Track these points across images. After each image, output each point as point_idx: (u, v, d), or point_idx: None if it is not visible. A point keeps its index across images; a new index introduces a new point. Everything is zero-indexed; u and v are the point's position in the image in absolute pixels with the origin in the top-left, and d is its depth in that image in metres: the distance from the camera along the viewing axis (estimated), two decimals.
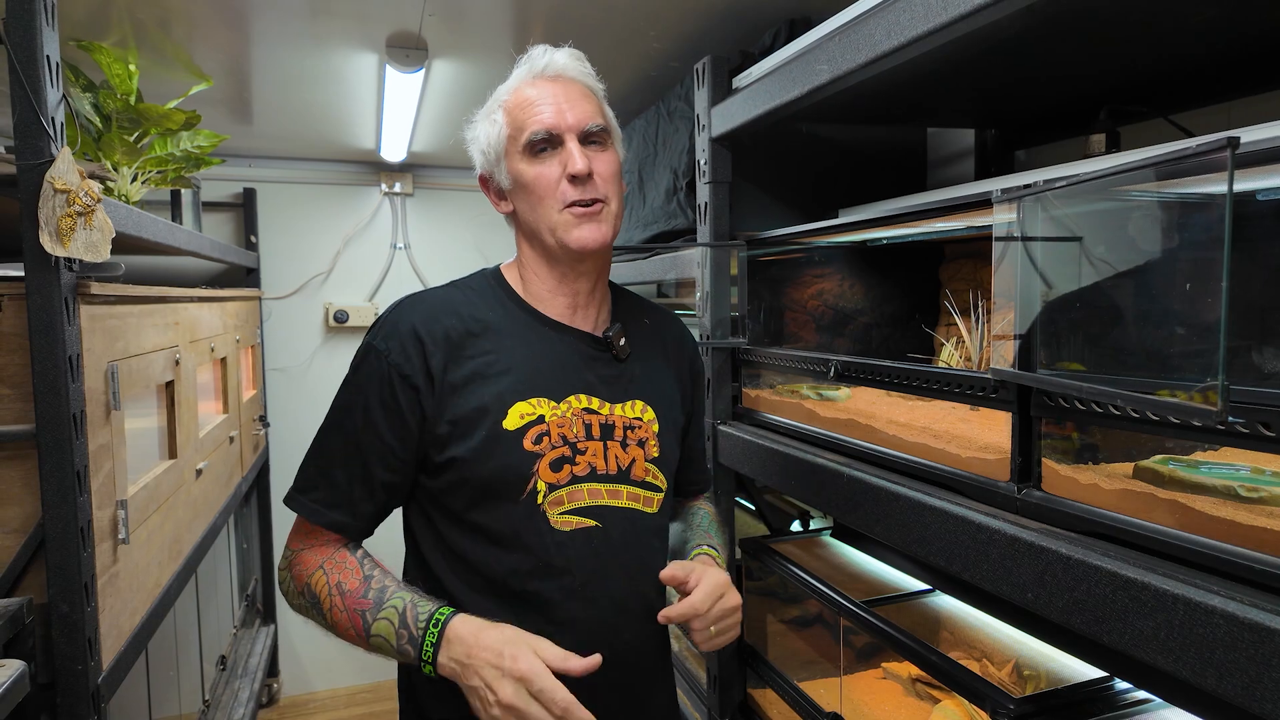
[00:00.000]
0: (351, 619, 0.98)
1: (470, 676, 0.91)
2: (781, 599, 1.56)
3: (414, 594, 0.99)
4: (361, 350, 1.06)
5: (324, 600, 1.00)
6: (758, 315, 1.55)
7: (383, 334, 1.04)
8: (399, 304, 1.08)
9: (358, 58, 2.02)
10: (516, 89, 1.07)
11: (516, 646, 0.91)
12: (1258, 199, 0.76)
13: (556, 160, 1.03)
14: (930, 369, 1.06)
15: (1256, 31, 0.96)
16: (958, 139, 1.68)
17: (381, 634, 0.96)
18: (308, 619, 1.04)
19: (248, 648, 3.00)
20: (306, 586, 1.02)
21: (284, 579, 1.07)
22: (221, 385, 2.44)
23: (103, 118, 1.74)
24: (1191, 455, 0.73)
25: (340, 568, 1.02)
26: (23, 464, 1.19)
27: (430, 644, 0.94)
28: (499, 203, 1.11)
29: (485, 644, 0.91)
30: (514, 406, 1.02)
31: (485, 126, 1.09)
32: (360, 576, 1.00)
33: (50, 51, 1.17)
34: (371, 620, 0.97)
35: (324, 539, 1.05)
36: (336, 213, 3.49)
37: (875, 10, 1.03)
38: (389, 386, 1.01)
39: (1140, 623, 0.68)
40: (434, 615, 0.95)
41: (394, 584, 1.00)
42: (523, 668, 0.88)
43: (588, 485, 1.04)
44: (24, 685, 1.07)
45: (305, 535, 1.06)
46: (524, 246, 1.11)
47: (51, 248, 1.13)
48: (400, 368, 1.01)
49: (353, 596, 0.99)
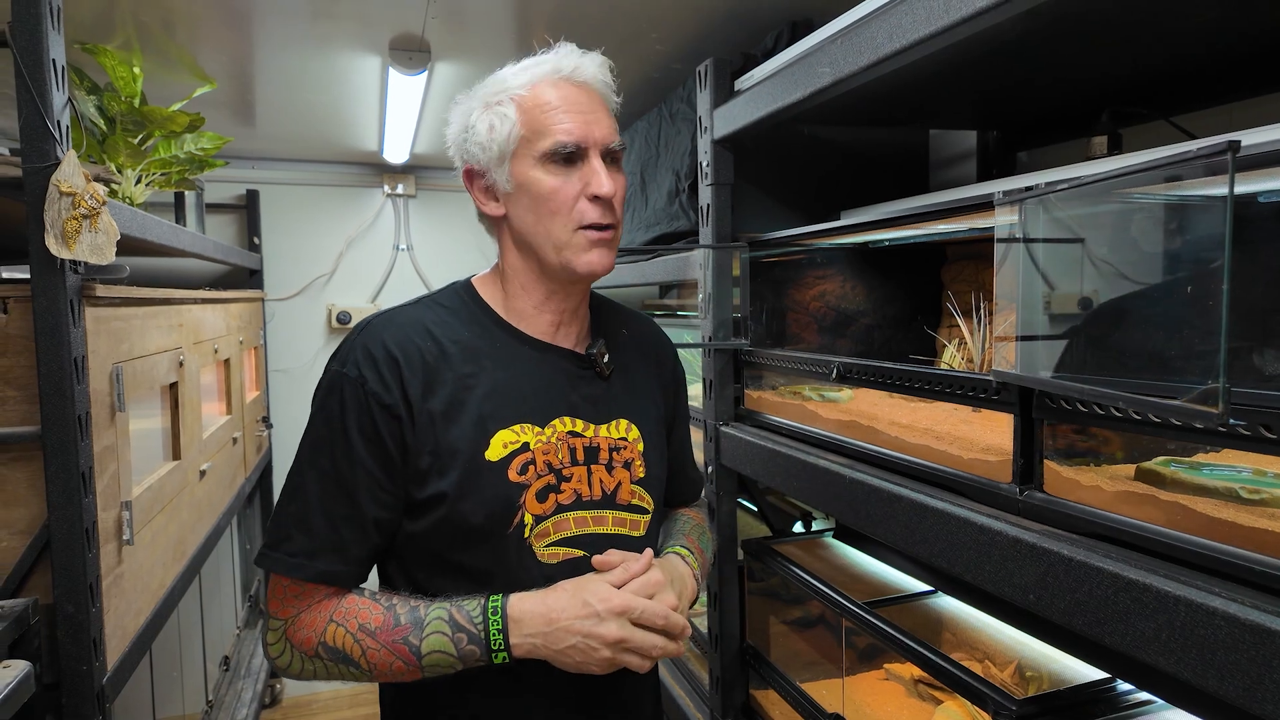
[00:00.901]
0: (396, 651, 0.91)
1: (561, 639, 0.90)
2: (784, 600, 1.56)
3: (445, 600, 0.93)
4: (328, 381, 0.95)
5: (352, 650, 0.91)
6: (760, 317, 1.55)
7: (353, 360, 0.94)
8: (366, 325, 0.98)
9: (361, 60, 2.03)
10: (535, 86, 0.97)
11: (595, 589, 0.92)
12: (1259, 201, 0.76)
13: (577, 175, 0.96)
14: (932, 370, 1.06)
15: (1258, 33, 0.96)
16: (960, 141, 1.69)
17: (437, 648, 0.90)
18: (330, 679, 0.94)
19: (251, 648, 3.00)
20: (321, 647, 0.92)
21: (280, 652, 0.94)
22: (225, 386, 2.44)
23: (107, 120, 1.75)
24: (1193, 457, 0.73)
25: (354, 612, 0.92)
26: (28, 465, 1.20)
27: (497, 632, 0.90)
28: (486, 202, 1.02)
29: (562, 605, 0.91)
30: (496, 435, 0.96)
31: (488, 117, 0.98)
32: (381, 609, 0.93)
33: (55, 55, 1.17)
34: (419, 641, 0.90)
35: (317, 596, 0.94)
36: (339, 214, 3.50)
37: (877, 13, 1.03)
38: (368, 416, 0.93)
39: (1142, 624, 0.68)
40: (487, 606, 0.91)
41: (420, 601, 0.93)
42: (617, 603, 0.90)
43: (574, 514, 0.99)
44: (29, 686, 1.07)
45: (294, 598, 0.94)
46: (512, 256, 1.03)
47: (57, 250, 1.14)
48: (379, 396, 0.93)
49: (386, 631, 0.91)
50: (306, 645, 0.93)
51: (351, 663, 0.92)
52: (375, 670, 0.92)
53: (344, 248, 3.50)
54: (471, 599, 0.92)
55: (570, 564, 0.99)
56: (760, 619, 1.61)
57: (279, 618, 0.94)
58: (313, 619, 0.93)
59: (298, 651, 0.93)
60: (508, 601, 0.91)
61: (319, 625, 0.92)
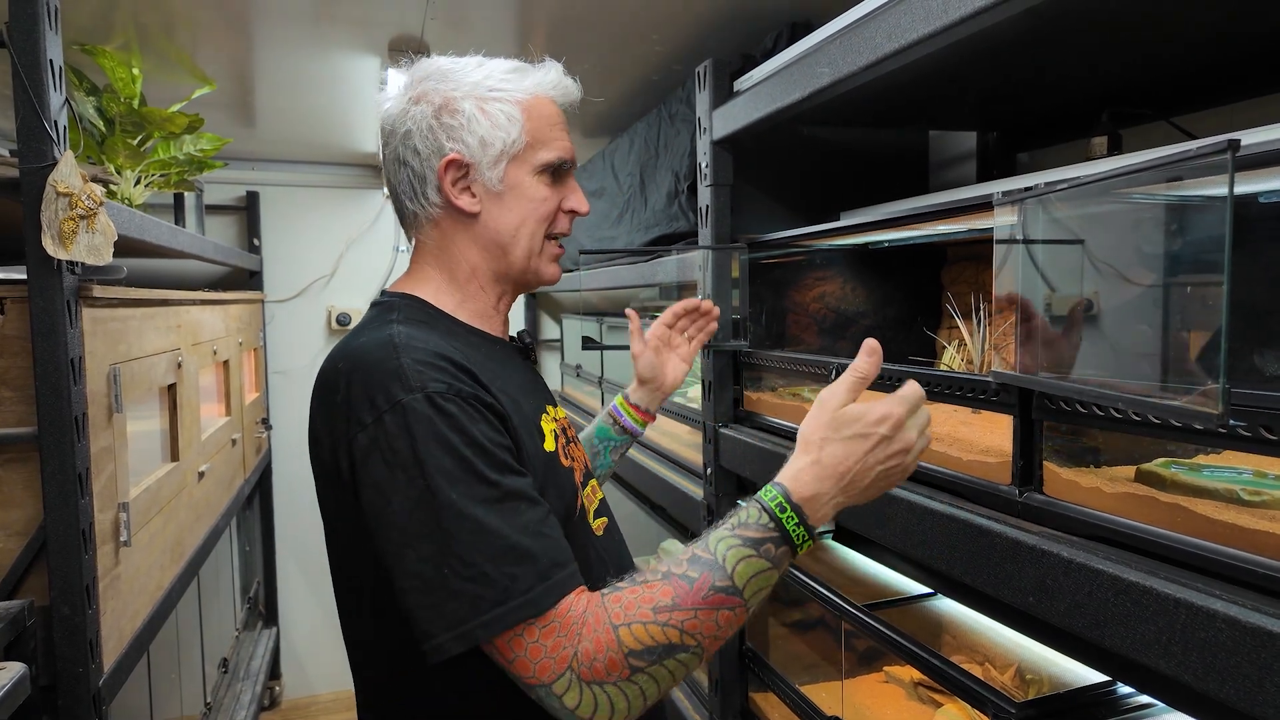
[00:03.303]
0: (713, 604, 0.77)
1: (861, 481, 0.81)
2: (783, 602, 1.56)
3: (712, 530, 0.81)
4: (416, 413, 0.79)
5: (670, 635, 0.75)
6: (759, 318, 1.55)
7: (421, 378, 0.81)
8: (396, 348, 0.84)
9: (360, 61, 2.02)
10: (540, 97, 0.98)
11: (845, 415, 0.82)
12: (1259, 201, 0.75)
13: (562, 189, 1.00)
14: (932, 371, 1.06)
15: (1259, 34, 0.96)
16: (960, 141, 1.68)
17: (752, 573, 0.77)
18: (660, 693, 0.78)
19: (250, 650, 3.00)
20: (632, 658, 0.75)
21: (594, 705, 0.75)
22: (224, 388, 2.44)
23: (106, 121, 1.75)
24: (1194, 458, 0.73)
25: (630, 606, 0.77)
26: (24, 467, 1.20)
27: (795, 525, 0.79)
28: (460, 196, 0.95)
29: (838, 454, 0.80)
30: (541, 425, 0.95)
31: (493, 115, 0.95)
32: (656, 584, 0.78)
33: (53, 55, 1.17)
34: (730, 580, 0.77)
35: (571, 618, 0.76)
36: (339, 216, 3.50)
37: (876, 13, 1.03)
38: (481, 418, 0.82)
39: (1142, 627, 0.68)
40: (770, 508, 0.79)
41: (683, 553, 0.80)
42: (896, 412, 0.81)
43: (590, 485, 1.04)
44: (25, 688, 1.07)
45: (549, 638, 0.75)
46: (473, 255, 0.98)
47: (54, 251, 1.14)
48: (479, 396, 0.83)
49: (686, 595, 0.76)
50: (613, 670, 0.75)
51: (678, 649, 0.76)
52: (703, 638, 0.77)
53: (344, 249, 3.50)
54: (742, 508, 0.82)
55: (608, 532, 1.03)
56: (759, 622, 1.61)
57: (557, 674, 0.75)
58: (595, 643, 0.75)
59: (609, 687, 0.75)
60: (788, 491, 0.80)
61: (608, 642, 0.75)
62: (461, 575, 0.76)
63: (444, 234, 0.99)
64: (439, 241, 0.99)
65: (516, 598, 0.75)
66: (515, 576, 0.76)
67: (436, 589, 0.76)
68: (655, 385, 1.33)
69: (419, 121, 0.96)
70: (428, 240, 1.00)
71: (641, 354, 1.32)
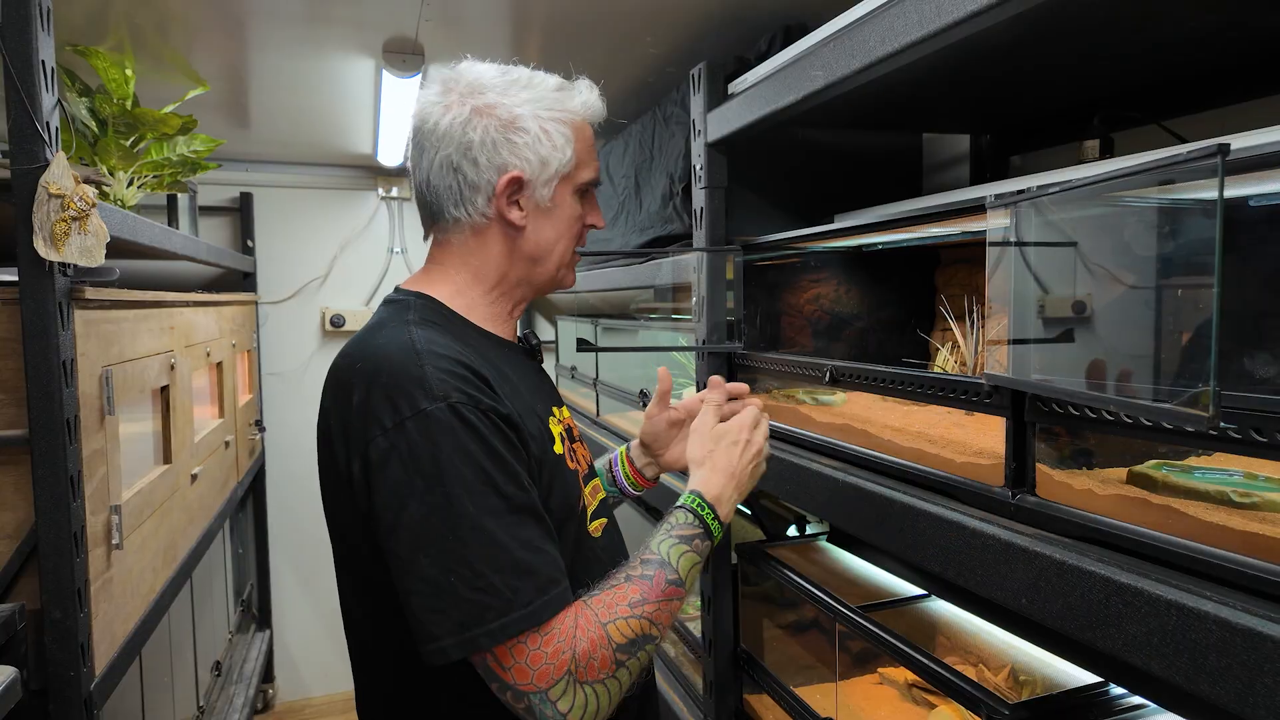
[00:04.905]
0: (669, 595, 0.88)
1: (745, 478, 1.02)
2: (778, 604, 1.56)
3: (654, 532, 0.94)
4: (436, 421, 0.81)
5: (644, 628, 0.85)
6: (753, 320, 1.55)
7: (444, 387, 0.83)
8: (418, 354, 0.86)
9: (354, 63, 2.02)
10: (585, 120, 1.01)
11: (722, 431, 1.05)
12: (1250, 205, 0.76)
13: (587, 205, 1.05)
14: (925, 374, 1.06)
15: (1251, 38, 0.96)
16: (953, 144, 1.69)
17: (691, 565, 0.91)
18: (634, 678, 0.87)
19: (243, 653, 2.99)
20: (618, 652, 0.83)
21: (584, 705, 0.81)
22: (217, 390, 2.43)
23: (99, 122, 1.74)
24: (1185, 460, 0.73)
25: (610, 605, 0.85)
26: (16, 469, 1.19)
27: (713, 519, 0.97)
28: (511, 210, 0.97)
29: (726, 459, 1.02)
30: (549, 427, 0.98)
31: (553, 136, 0.97)
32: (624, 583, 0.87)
33: (45, 56, 1.17)
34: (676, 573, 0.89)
35: (563, 626, 0.82)
36: (333, 217, 3.49)
37: (870, 16, 1.03)
38: (498, 431, 0.85)
39: (1133, 628, 0.68)
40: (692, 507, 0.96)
41: (637, 555, 0.91)
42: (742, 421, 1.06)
43: (589, 487, 1.05)
44: (16, 692, 1.07)
45: (555, 639, 0.81)
46: (505, 265, 1.00)
47: (46, 252, 1.13)
48: (496, 408, 0.85)
49: (651, 589, 0.87)
50: (604, 666, 0.82)
51: (649, 638, 0.86)
52: (662, 626, 0.88)
53: (338, 250, 3.49)
54: (673, 513, 0.96)
55: (607, 531, 1.05)
56: (754, 623, 1.61)
57: (555, 679, 0.80)
58: (590, 642, 0.82)
59: (598, 685, 0.82)
60: (702, 495, 0.98)
61: (600, 639, 0.83)
62: (470, 584, 0.79)
63: (483, 242, 1.00)
64: (474, 247, 1.00)
65: (519, 610, 0.80)
66: (518, 590, 0.80)
67: (444, 594, 0.79)
68: (655, 452, 1.25)
69: (483, 134, 0.95)
70: (458, 243, 1.01)
71: (654, 417, 1.22)
